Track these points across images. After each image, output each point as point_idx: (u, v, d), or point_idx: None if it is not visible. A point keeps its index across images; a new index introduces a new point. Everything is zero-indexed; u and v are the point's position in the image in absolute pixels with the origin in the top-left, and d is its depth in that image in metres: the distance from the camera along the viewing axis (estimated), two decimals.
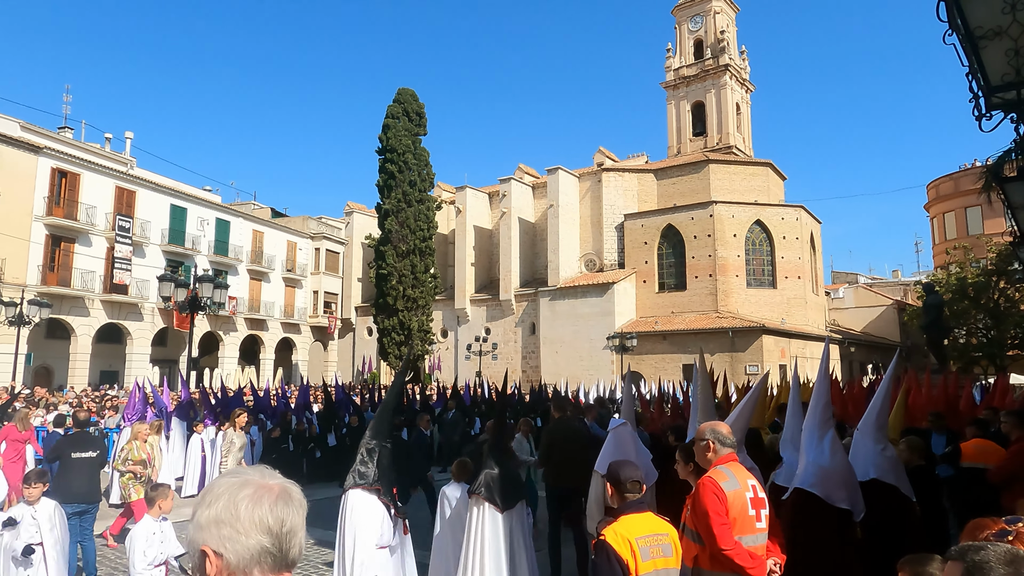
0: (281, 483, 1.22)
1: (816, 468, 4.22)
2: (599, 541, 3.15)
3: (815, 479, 4.19)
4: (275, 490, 1.20)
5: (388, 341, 37.33)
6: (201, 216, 37.59)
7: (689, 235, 37.89)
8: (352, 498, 5.32)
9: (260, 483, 1.20)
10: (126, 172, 34.97)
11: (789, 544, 3.88)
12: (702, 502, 3.49)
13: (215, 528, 1.14)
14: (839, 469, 4.18)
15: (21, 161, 28.74)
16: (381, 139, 37.94)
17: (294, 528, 1.19)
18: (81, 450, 7.17)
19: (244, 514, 1.15)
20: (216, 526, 1.14)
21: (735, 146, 47.05)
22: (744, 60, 50.84)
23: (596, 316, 37.27)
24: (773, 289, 37.55)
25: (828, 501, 4.10)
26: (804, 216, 39.47)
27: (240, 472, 1.24)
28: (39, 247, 29.22)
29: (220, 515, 1.15)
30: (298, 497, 1.23)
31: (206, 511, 1.16)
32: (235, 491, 1.17)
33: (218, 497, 1.17)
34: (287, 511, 1.19)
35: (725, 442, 3.70)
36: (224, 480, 1.21)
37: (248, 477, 1.22)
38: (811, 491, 4.15)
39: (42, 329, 29.24)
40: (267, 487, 1.20)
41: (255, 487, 1.19)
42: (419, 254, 37.89)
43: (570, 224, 41.84)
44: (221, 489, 1.19)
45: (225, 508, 1.15)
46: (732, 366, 31.54)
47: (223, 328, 38.11)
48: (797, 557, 3.89)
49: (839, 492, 4.11)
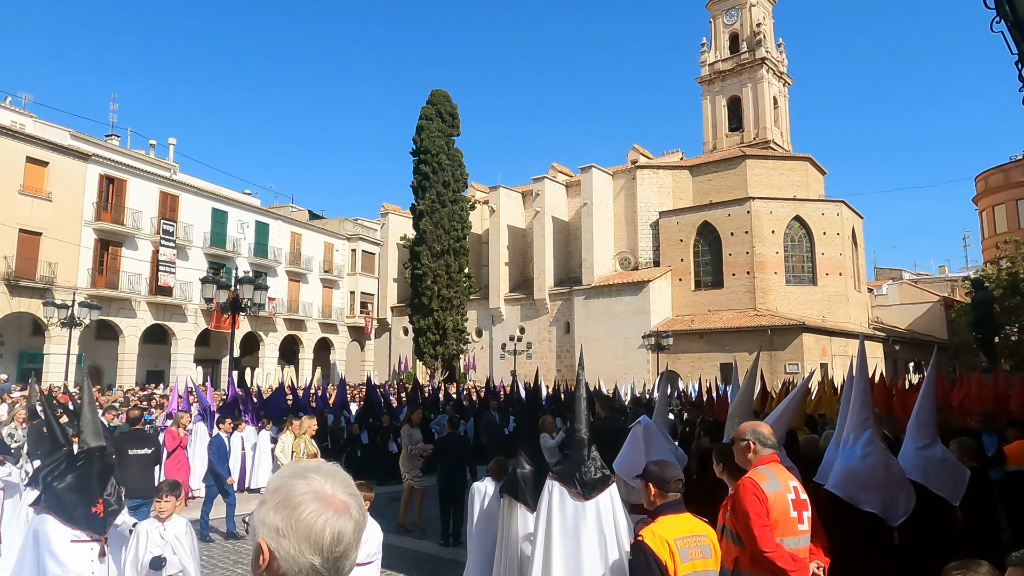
0: (345, 498, 1.25)
1: (843, 469, 4.13)
2: (636, 542, 3.13)
3: (839, 480, 4.09)
4: (339, 506, 1.23)
5: (424, 341, 37.64)
6: (241, 219, 38.43)
7: (726, 232, 37.31)
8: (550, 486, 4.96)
9: (327, 497, 1.23)
10: (170, 177, 35.96)
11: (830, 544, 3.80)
12: (742, 503, 3.44)
13: (276, 535, 1.20)
14: (868, 471, 4.06)
15: (71, 168, 29.78)
16: (415, 140, 38.27)
17: (348, 549, 1.24)
18: (137, 447, 7.41)
19: (303, 531, 1.19)
20: (277, 534, 1.20)
21: (772, 141, 46.16)
22: (781, 53, 49.84)
23: (631, 315, 36.98)
24: (813, 286, 36.75)
25: (851, 503, 3.99)
26: (845, 211, 38.53)
27: (313, 477, 1.26)
28: (88, 251, 30.23)
29: (281, 526, 1.20)
30: (356, 515, 1.26)
31: (272, 514, 1.21)
32: (303, 503, 1.21)
33: (286, 503, 1.22)
34: (346, 529, 1.23)
35: (766, 443, 3.63)
36: (298, 485, 1.24)
37: (319, 488, 1.24)
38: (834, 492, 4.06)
39: (92, 330, 30.25)
40: (332, 502, 1.23)
41: (321, 502, 1.22)
42: (453, 254, 38.10)
43: (604, 222, 41.60)
44: (291, 495, 1.22)
45: (287, 520, 1.20)
46: (771, 365, 30.99)
47: (263, 328, 38.91)
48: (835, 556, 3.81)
49: (866, 495, 3.99)
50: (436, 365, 37.92)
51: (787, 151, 46.86)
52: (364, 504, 1.30)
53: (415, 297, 38.28)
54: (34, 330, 29.70)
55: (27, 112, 33.17)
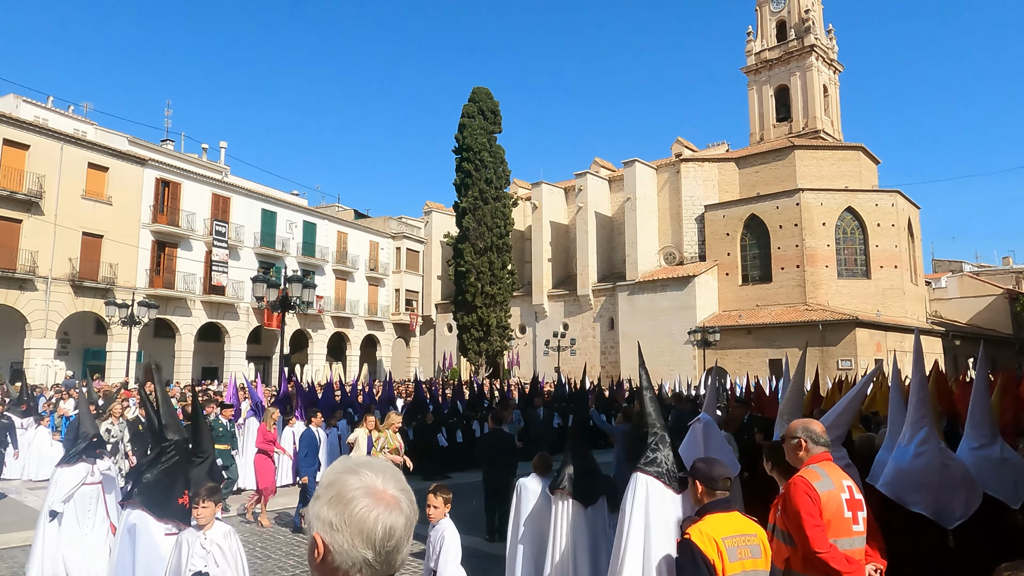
0: (396, 493, 1.28)
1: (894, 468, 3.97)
2: (683, 540, 3.09)
3: (889, 479, 3.94)
4: (390, 501, 1.26)
5: (467, 337, 37.90)
6: (290, 219, 39.35)
7: (774, 225, 36.44)
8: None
9: (379, 492, 1.26)
10: (221, 180, 37.05)
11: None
12: (793, 503, 3.35)
13: (329, 529, 1.24)
14: (921, 471, 3.89)
15: (130, 173, 30.98)
16: (457, 138, 38.51)
17: (399, 544, 1.27)
18: None
19: (355, 526, 1.23)
20: (331, 528, 1.24)
21: (822, 130, 44.82)
22: (831, 39, 48.32)
23: (676, 310, 36.47)
24: (867, 279, 35.59)
25: (899, 503, 3.84)
26: (900, 201, 37.17)
27: (365, 473, 1.29)
28: (146, 252, 31.42)
29: (334, 520, 1.24)
30: (407, 510, 1.29)
31: (326, 510, 1.25)
32: (356, 498, 1.25)
33: (340, 499, 1.25)
34: (396, 524, 1.26)
35: (818, 441, 3.53)
36: (350, 481, 1.28)
37: (371, 483, 1.27)
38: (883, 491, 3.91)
39: (150, 329, 31.44)
40: (384, 497, 1.26)
41: (373, 497, 1.26)
42: (496, 251, 38.22)
43: (648, 217, 41.11)
44: (344, 490, 1.26)
45: (340, 515, 1.23)
46: (823, 361, 30.14)
47: (311, 326, 39.77)
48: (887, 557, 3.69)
49: (916, 496, 3.83)
50: (480, 361, 38.15)
51: (838, 141, 45.44)
52: (414, 500, 1.32)
53: (459, 294, 38.56)
54: (97, 328, 31.03)
55: (88, 120, 34.64)
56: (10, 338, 27.29)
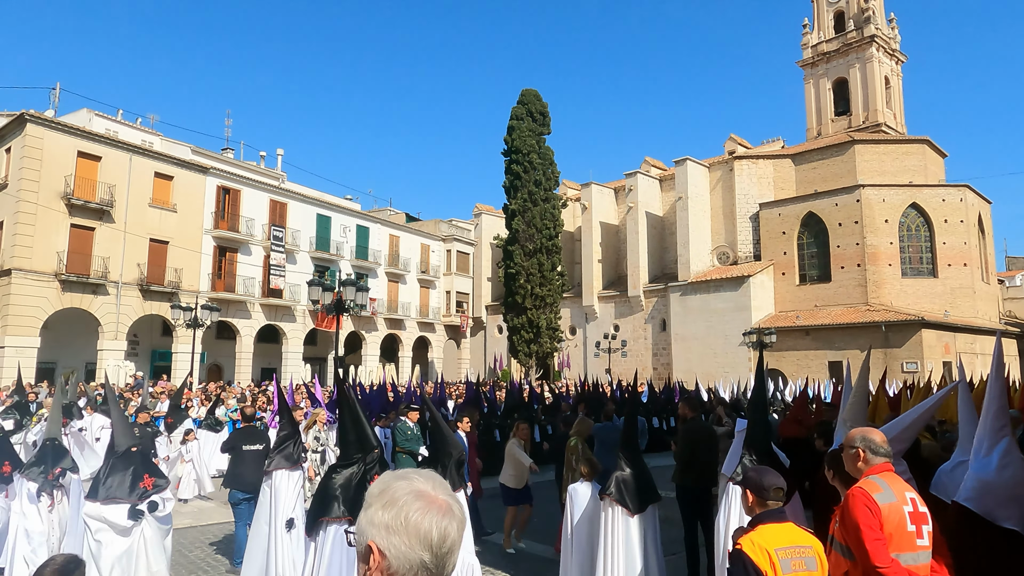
0: (447, 498, 1.29)
1: (976, 480, 3.76)
2: (735, 551, 3.01)
3: (973, 492, 3.73)
4: (442, 505, 1.27)
5: (518, 339, 37.96)
6: (343, 224, 40.23)
7: (833, 223, 35.24)
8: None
9: (431, 496, 1.27)
10: (278, 186, 38.19)
11: (957, 564, 3.49)
12: (852, 515, 3.22)
13: (386, 532, 1.23)
14: (1008, 484, 3.68)
15: (193, 181, 32.27)
16: (506, 140, 38.64)
17: (453, 547, 1.26)
18: (250, 443, 7.87)
19: (412, 527, 1.23)
20: (387, 531, 1.23)
21: (884, 123, 43.12)
22: (893, 29, 46.46)
23: (730, 311, 35.66)
24: (933, 278, 34.03)
25: (988, 518, 3.64)
26: (970, 196, 35.42)
27: (415, 479, 1.30)
28: (208, 257, 32.64)
29: (391, 523, 1.23)
30: (459, 514, 1.30)
31: (380, 513, 1.25)
32: (409, 502, 1.25)
33: (393, 502, 1.25)
34: (451, 528, 1.26)
35: (878, 451, 3.39)
36: (401, 485, 1.28)
37: (421, 488, 1.28)
38: (966, 505, 3.71)
39: (213, 331, 32.64)
40: (435, 501, 1.26)
41: (426, 500, 1.26)
42: (546, 252, 38.18)
43: (700, 216, 40.35)
44: (397, 495, 1.26)
45: (396, 517, 1.23)
46: (887, 363, 28.97)
47: (365, 328, 40.56)
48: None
49: (1005, 510, 3.62)
50: (530, 363, 38.16)
51: (901, 134, 43.64)
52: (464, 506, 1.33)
53: (508, 296, 38.67)
54: (164, 331, 32.40)
55: (154, 131, 36.24)
56: (84, 340, 28.77)
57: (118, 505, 5.28)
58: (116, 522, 5.25)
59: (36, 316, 26.37)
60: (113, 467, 5.43)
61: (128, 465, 5.44)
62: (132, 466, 5.45)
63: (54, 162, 26.93)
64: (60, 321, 27.74)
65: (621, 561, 5.55)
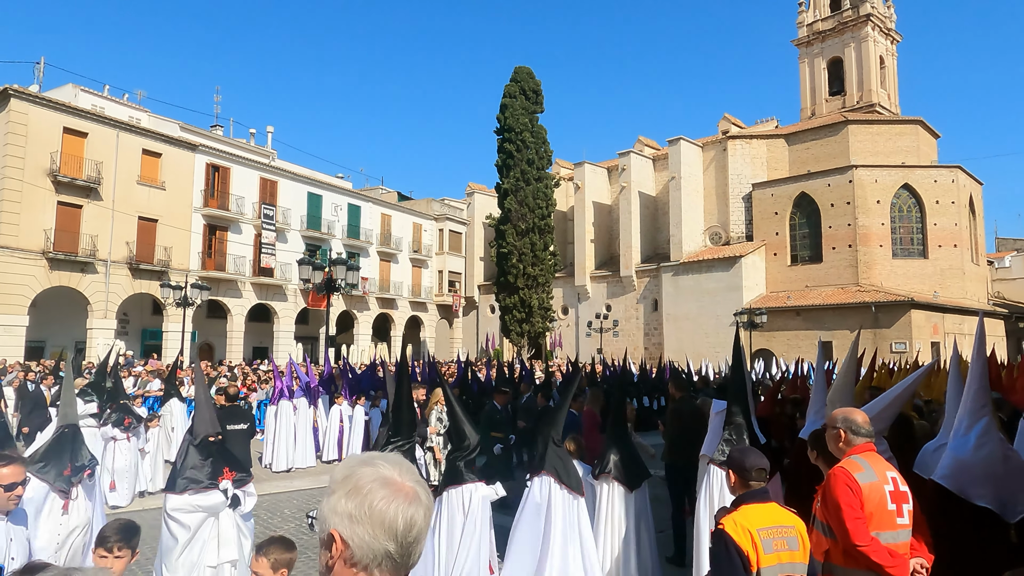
0: (413, 485, 1.25)
1: (953, 459, 3.79)
2: (717, 531, 3.03)
3: (948, 471, 3.76)
4: (409, 493, 1.23)
5: (510, 319, 38.03)
6: (335, 202, 39.95)
7: (825, 203, 35.30)
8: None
9: (397, 484, 1.23)
10: (268, 164, 37.80)
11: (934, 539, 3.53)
12: (833, 494, 3.25)
13: (349, 522, 1.19)
14: (982, 463, 3.72)
15: (181, 158, 31.88)
16: (499, 119, 38.33)
17: (420, 535, 1.23)
18: (234, 422, 7.89)
19: (377, 516, 1.19)
20: (350, 520, 1.19)
21: (878, 104, 43.02)
22: (889, 8, 46.17)
23: (722, 291, 35.79)
24: (924, 259, 34.23)
25: (961, 496, 3.68)
26: (961, 177, 35.50)
27: (381, 464, 1.26)
28: (198, 236, 32.38)
29: (355, 512, 1.19)
30: (426, 501, 1.26)
31: (344, 501, 1.21)
32: (374, 490, 1.21)
33: (357, 491, 1.21)
34: (417, 515, 1.22)
35: (859, 431, 3.41)
36: (366, 472, 1.24)
37: (387, 474, 1.24)
38: (942, 483, 3.74)
39: (203, 310, 32.50)
40: (402, 489, 1.23)
41: (391, 488, 1.22)
42: (538, 232, 38.10)
43: (693, 196, 40.30)
44: (362, 482, 1.22)
45: (360, 506, 1.19)
46: (876, 344, 29.21)
47: (357, 307, 40.48)
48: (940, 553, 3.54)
49: (979, 488, 3.66)
50: (523, 343, 38.26)
51: (895, 114, 43.58)
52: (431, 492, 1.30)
53: (501, 275, 38.63)
54: (154, 309, 32.24)
55: (142, 107, 35.69)
56: (73, 319, 28.60)
57: (207, 493, 4.72)
58: (211, 506, 4.71)
59: (24, 295, 26.14)
60: (190, 455, 4.85)
61: (206, 455, 4.87)
62: (211, 457, 4.87)
63: (39, 138, 26.51)
64: (49, 299, 27.54)
65: (617, 537, 5.69)
